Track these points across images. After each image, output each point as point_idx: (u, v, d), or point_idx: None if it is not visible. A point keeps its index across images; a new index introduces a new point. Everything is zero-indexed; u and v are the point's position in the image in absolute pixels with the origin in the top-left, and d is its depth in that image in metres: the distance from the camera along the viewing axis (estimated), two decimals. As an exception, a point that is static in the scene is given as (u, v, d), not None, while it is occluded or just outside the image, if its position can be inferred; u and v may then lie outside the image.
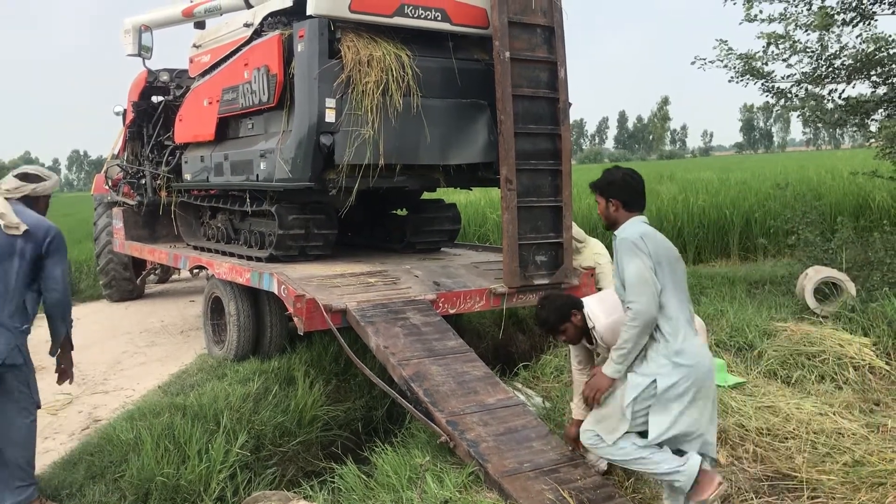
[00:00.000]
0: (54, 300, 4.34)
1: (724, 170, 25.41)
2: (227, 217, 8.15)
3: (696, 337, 3.78)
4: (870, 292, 7.55)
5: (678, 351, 3.61)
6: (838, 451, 5.08)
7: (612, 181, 3.95)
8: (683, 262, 3.83)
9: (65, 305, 4.43)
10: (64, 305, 4.41)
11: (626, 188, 3.92)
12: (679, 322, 3.70)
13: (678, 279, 3.75)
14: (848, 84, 9.13)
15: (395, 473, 4.50)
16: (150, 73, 9.42)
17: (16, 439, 4.19)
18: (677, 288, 3.73)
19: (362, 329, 5.50)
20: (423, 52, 6.54)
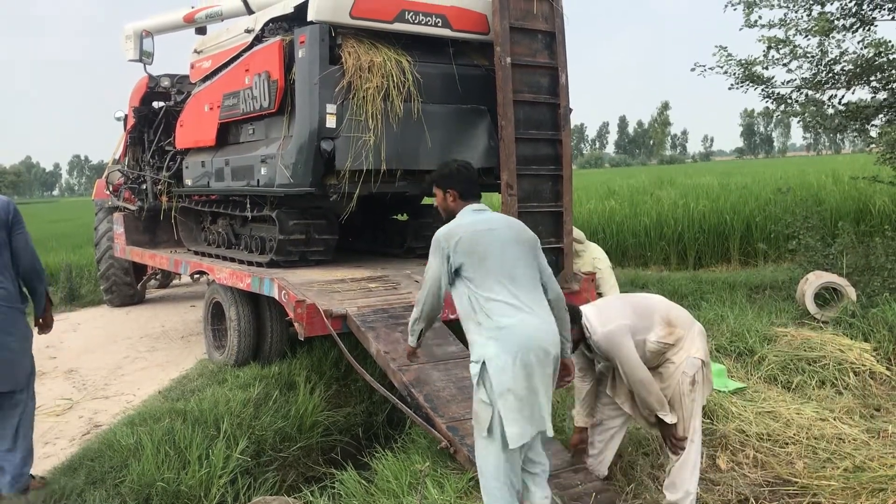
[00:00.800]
0: (29, 265, 4.67)
1: (724, 175, 25.40)
2: (227, 222, 8.16)
3: (526, 314, 3.66)
4: (870, 297, 7.55)
5: (498, 327, 3.59)
6: (839, 457, 5.08)
7: (448, 173, 3.96)
8: (520, 243, 3.77)
9: (39, 266, 4.81)
10: (39, 266, 4.80)
11: (461, 178, 3.93)
12: (498, 303, 3.65)
13: (494, 265, 3.69)
14: (848, 90, 9.14)
15: (395, 479, 4.50)
16: (151, 78, 9.44)
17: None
18: (493, 273, 3.68)
19: (363, 334, 5.51)
20: (423, 58, 6.56)
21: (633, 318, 4.29)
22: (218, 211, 8.22)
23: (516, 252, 3.74)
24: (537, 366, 3.56)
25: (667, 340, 4.33)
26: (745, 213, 13.10)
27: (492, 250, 3.71)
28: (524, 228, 3.87)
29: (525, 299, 3.66)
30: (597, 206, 15.43)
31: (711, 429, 5.39)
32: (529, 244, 3.81)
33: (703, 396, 4.40)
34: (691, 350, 4.35)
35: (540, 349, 3.59)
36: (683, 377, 4.29)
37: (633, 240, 13.40)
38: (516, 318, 3.60)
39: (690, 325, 4.47)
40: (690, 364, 4.30)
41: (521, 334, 3.57)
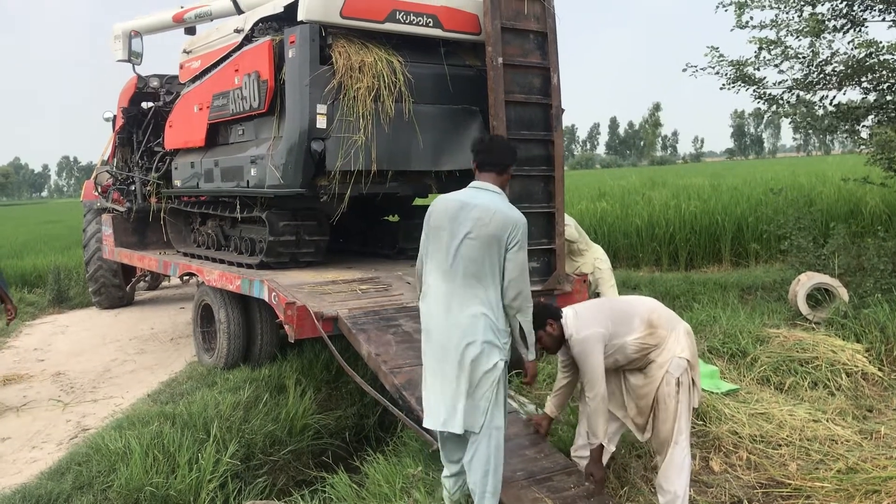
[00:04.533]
0: None
1: (715, 176, 25.45)
2: (217, 224, 8.11)
3: (434, 306, 3.89)
4: (862, 298, 7.55)
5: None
6: (832, 458, 5.07)
7: (474, 144, 4.19)
8: (478, 237, 3.82)
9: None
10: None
11: (481, 149, 4.10)
12: (427, 284, 3.97)
13: (439, 244, 3.92)
14: (839, 90, 9.14)
15: (386, 483, 4.47)
16: (140, 78, 9.37)
17: None
18: (435, 252, 3.93)
19: (354, 337, 5.46)
20: (414, 58, 6.52)
21: (610, 325, 4.28)
22: (207, 212, 8.16)
23: (468, 243, 3.79)
24: (433, 360, 3.83)
25: (647, 341, 4.30)
26: (737, 214, 13.10)
27: (442, 234, 3.85)
28: (500, 223, 3.82)
29: (447, 290, 3.80)
30: (588, 206, 15.41)
31: (704, 430, 5.37)
32: (490, 240, 3.78)
33: (690, 398, 4.36)
34: (675, 350, 4.31)
35: (437, 344, 3.78)
36: (668, 377, 4.27)
37: (625, 240, 13.39)
38: (425, 308, 3.91)
39: (674, 326, 4.43)
40: (676, 365, 4.28)
41: (424, 324, 3.89)
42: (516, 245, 3.83)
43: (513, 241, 3.82)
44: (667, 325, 4.40)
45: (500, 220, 3.83)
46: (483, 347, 3.74)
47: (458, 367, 3.74)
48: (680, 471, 4.28)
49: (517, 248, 3.84)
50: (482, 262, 3.77)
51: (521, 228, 3.86)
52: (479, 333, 3.72)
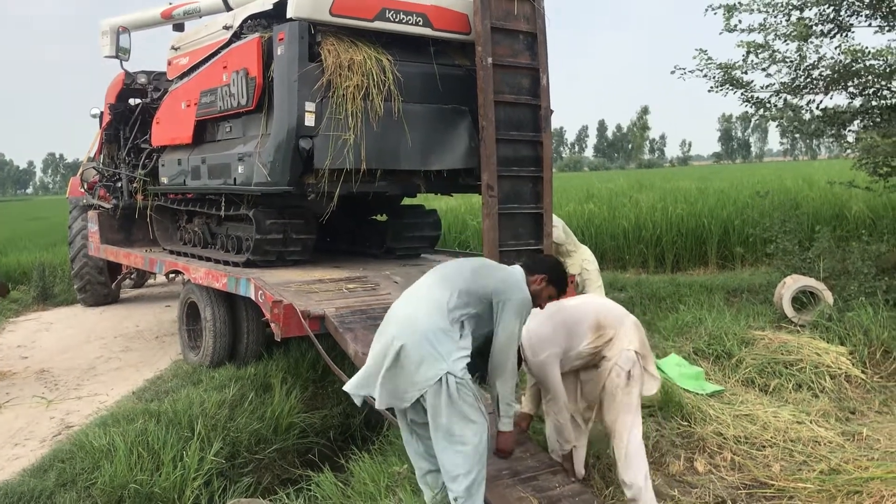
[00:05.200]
0: None
1: (702, 179, 25.57)
2: (203, 221, 8.07)
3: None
4: (846, 301, 7.61)
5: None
6: (815, 460, 5.12)
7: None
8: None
9: None
10: None
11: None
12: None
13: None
14: (825, 95, 9.20)
15: (372, 482, 4.47)
16: (127, 75, 9.32)
17: None
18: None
19: (341, 336, 5.44)
20: (404, 57, 6.51)
21: (562, 341, 4.37)
22: (194, 210, 8.13)
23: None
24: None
25: (597, 343, 4.42)
26: (723, 217, 13.17)
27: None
28: (499, 281, 3.88)
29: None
30: (576, 208, 15.44)
31: (689, 431, 5.41)
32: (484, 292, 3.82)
33: (641, 389, 4.46)
34: (624, 343, 4.41)
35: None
36: (619, 371, 4.37)
37: (612, 242, 13.43)
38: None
39: (621, 322, 4.51)
40: (625, 358, 4.38)
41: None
42: (506, 306, 3.82)
43: (504, 302, 3.82)
44: (614, 323, 4.49)
45: (501, 279, 3.88)
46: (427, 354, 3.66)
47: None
48: (639, 462, 4.38)
49: (508, 311, 3.82)
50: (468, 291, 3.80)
51: (518, 298, 3.86)
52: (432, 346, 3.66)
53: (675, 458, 5.16)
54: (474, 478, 3.70)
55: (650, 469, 4.88)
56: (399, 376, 3.66)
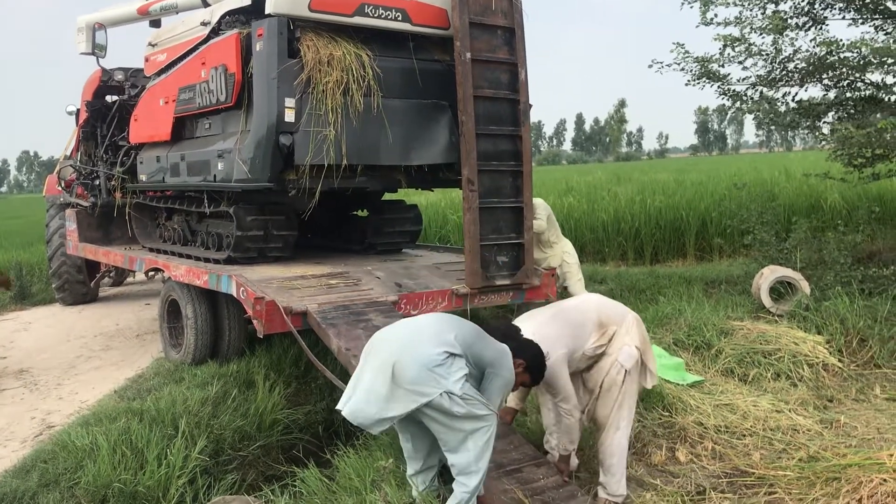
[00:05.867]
0: None
1: (680, 171, 25.76)
2: (183, 218, 8.03)
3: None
4: (823, 291, 7.71)
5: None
6: (794, 448, 5.20)
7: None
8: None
9: None
10: None
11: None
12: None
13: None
14: (801, 87, 9.32)
15: (357, 476, 4.47)
16: (104, 71, 9.24)
17: None
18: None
19: (323, 331, 5.44)
20: (383, 52, 6.51)
21: (570, 342, 4.42)
22: (174, 207, 8.08)
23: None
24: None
25: (601, 342, 4.49)
26: (701, 209, 13.29)
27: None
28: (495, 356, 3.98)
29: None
30: (555, 202, 15.48)
31: (671, 421, 5.47)
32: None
33: (638, 384, 4.59)
34: (626, 339, 4.50)
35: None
36: (619, 368, 4.46)
37: (591, 235, 13.50)
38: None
39: (623, 318, 4.61)
40: (627, 355, 4.48)
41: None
42: (495, 379, 3.92)
43: (495, 374, 3.92)
44: (616, 319, 4.58)
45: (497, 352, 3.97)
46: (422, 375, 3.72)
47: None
48: (621, 454, 4.51)
49: (496, 384, 3.92)
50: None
51: (507, 376, 3.96)
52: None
53: (657, 449, 5.22)
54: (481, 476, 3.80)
55: (633, 459, 4.96)
56: (394, 392, 3.71)
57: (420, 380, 3.65)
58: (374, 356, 3.84)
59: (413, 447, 4.07)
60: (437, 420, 3.73)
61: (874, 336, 6.88)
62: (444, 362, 3.69)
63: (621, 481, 4.53)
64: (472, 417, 3.73)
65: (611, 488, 4.50)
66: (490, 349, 3.95)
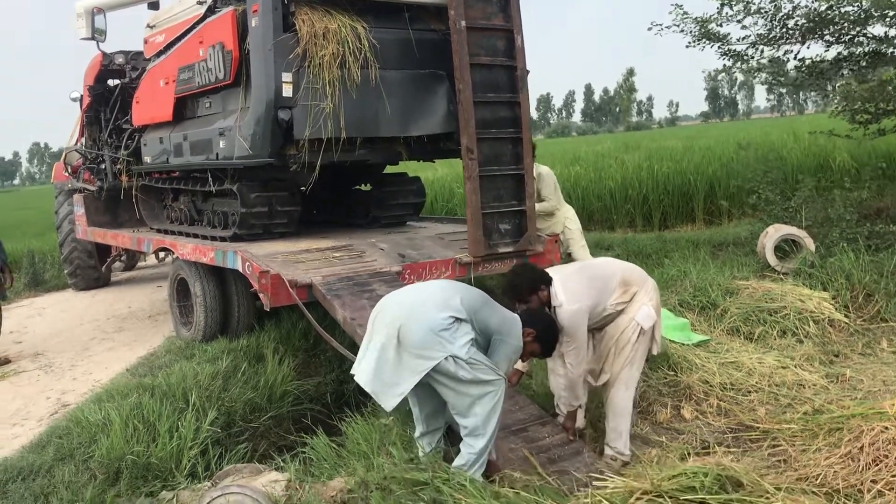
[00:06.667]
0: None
1: (689, 138, 25.56)
2: (189, 198, 8.09)
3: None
4: (829, 248, 7.70)
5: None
6: (799, 402, 5.23)
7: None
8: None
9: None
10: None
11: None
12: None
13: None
14: (802, 44, 9.23)
15: (365, 441, 4.54)
16: (104, 56, 9.27)
17: None
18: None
19: (328, 302, 5.51)
20: (379, 24, 6.51)
21: (595, 295, 4.47)
22: (179, 187, 8.14)
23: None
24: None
25: (622, 299, 4.54)
26: (709, 174, 13.23)
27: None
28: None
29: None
30: (562, 171, 15.45)
31: (676, 380, 5.50)
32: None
33: (647, 347, 4.63)
34: (644, 300, 4.56)
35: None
36: (636, 326, 4.53)
37: (599, 203, 13.49)
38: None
39: (644, 281, 4.69)
40: (645, 315, 4.54)
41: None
42: (501, 346, 3.97)
43: (501, 341, 3.98)
44: (639, 281, 4.65)
45: (504, 320, 4.04)
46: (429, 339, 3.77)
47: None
48: (628, 413, 4.60)
49: (502, 351, 3.97)
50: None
51: (514, 343, 4.02)
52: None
53: (663, 407, 5.27)
54: (489, 439, 3.87)
55: (638, 418, 5.01)
56: (400, 357, 3.77)
57: (426, 343, 3.71)
58: (381, 321, 3.90)
59: (420, 410, 4.15)
60: (445, 384, 3.80)
61: (880, 291, 6.88)
62: (450, 327, 3.75)
63: (627, 439, 4.59)
64: (479, 382, 3.79)
65: (617, 446, 4.56)
66: (496, 316, 3.99)
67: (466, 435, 3.89)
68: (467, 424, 3.86)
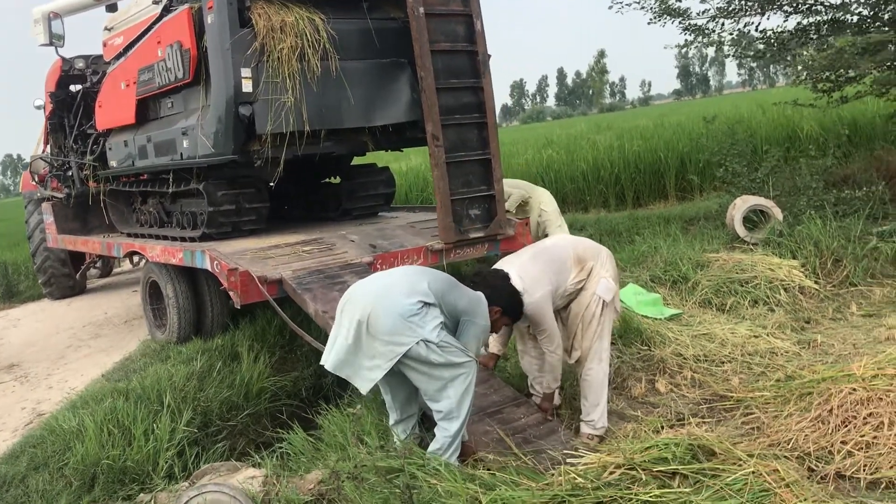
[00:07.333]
0: None
1: (660, 116, 25.66)
2: (157, 200, 8.02)
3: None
4: (796, 217, 7.77)
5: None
6: (772, 370, 5.29)
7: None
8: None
9: None
10: None
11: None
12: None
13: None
14: (762, 16, 9.27)
15: (340, 432, 4.55)
16: (64, 61, 9.16)
17: None
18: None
19: (299, 297, 5.49)
20: (337, 15, 6.46)
21: (553, 278, 4.50)
22: (146, 190, 8.07)
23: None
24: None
25: (581, 277, 4.58)
26: (679, 150, 13.29)
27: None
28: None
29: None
30: (535, 156, 15.51)
31: (649, 354, 5.54)
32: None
33: (612, 318, 4.72)
34: (602, 272, 4.60)
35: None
36: (598, 300, 4.57)
37: (572, 185, 13.53)
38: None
39: (598, 253, 4.71)
40: (605, 288, 4.58)
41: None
42: (470, 327, 3.99)
43: (469, 322, 3.99)
44: (593, 254, 4.68)
45: (472, 301, 4.05)
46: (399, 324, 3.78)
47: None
48: (603, 388, 4.65)
49: (471, 332, 3.99)
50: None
51: (482, 324, 4.04)
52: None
53: (637, 382, 5.31)
54: (462, 421, 3.88)
55: (613, 393, 5.05)
56: (371, 344, 3.78)
57: (396, 329, 3.72)
58: (349, 311, 3.90)
59: (392, 398, 4.16)
60: (416, 370, 3.81)
61: (848, 255, 6.96)
62: (419, 311, 3.75)
63: (603, 415, 4.63)
64: (451, 365, 3.80)
65: (593, 422, 4.59)
66: (464, 298, 4.01)
67: (441, 419, 3.90)
68: (441, 408, 3.88)
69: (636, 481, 3.38)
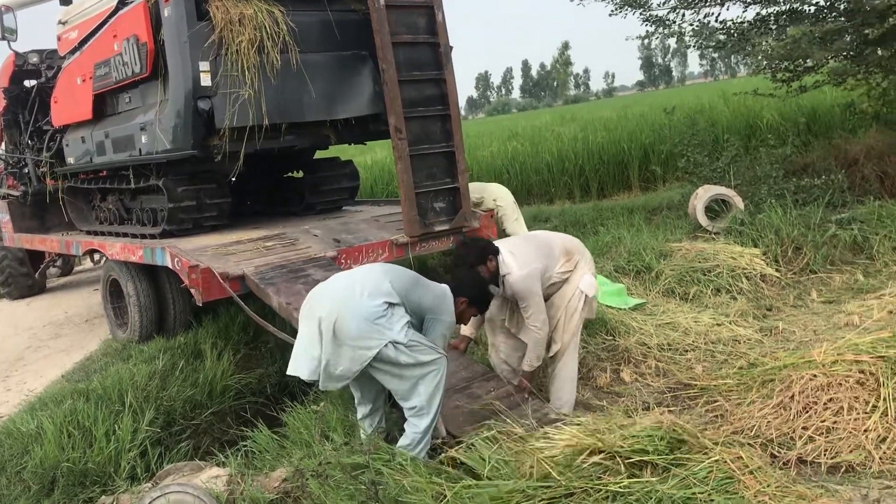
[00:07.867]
0: None
1: (624, 107, 25.80)
2: (116, 197, 7.89)
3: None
4: (757, 205, 7.86)
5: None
6: (735, 357, 5.35)
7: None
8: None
9: None
10: None
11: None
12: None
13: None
14: (722, 6, 9.34)
15: (305, 429, 4.50)
16: (17, 56, 8.97)
17: None
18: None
19: (263, 291, 5.43)
20: (296, 7, 6.39)
21: (544, 260, 4.53)
22: (106, 187, 7.94)
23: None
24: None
25: (568, 268, 4.62)
26: (642, 141, 13.37)
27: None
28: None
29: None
30: (499, 148, 15.50)
31: (614, 344, 5.57)
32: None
33: (587, 314, 4.77)
34: (585, 269, 4.67)
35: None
36: (580, 295, 4.62)
37: (537, 177, 13.55)
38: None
39: (584, 250, 4.83)
40: (588, 283, 4.65)
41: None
42: (436, 324, 3.97)
43: (435, 319, 3.97)
44: (579, 249, 4.79)
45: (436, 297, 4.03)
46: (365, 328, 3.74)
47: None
48: (575, 378, 4.74)
49: (437, 328, 3.97)
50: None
51: (448, 320, 4.02)
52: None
53: (602, 372, 5.34)
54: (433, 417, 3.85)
55: (579, 384, 5.07)
56: (338, 350, 3.72)
57: (363, 334, 3.67)
58: (313, 315, 3.84)
59: (361, 395, 4.12)
60: (386, 371, 3.77)
61: (808, 243, 7.05)
62: (385, 313, 3.72)
63: (571, 404, 4.65)
64: (420, 364, 3.77)
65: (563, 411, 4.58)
66: (428, 295, 3.98)
67: (411, 415, 3.87)
68: (412, 405, 3.85)
69: (607, 470, 3.35)
